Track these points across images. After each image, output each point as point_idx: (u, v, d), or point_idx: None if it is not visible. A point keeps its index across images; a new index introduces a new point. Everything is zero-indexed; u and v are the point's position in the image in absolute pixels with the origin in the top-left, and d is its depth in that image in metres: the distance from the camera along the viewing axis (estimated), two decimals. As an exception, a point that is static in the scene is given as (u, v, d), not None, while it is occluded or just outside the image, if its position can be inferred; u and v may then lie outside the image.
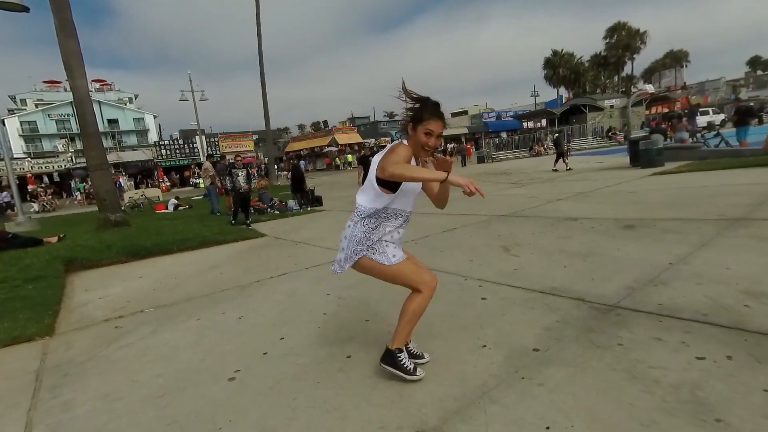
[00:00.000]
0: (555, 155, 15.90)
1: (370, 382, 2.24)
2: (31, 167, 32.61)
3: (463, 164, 26.64)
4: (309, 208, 11.36)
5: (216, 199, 12.11)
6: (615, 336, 2.43)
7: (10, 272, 5.27)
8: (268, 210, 11.04)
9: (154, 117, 56.16)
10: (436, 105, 2.12)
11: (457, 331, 2.73)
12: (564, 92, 57.71)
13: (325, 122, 53.89)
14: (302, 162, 39.05)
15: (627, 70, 61.92)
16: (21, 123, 48.21)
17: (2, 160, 20.02)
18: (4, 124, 38.25)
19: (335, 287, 3.95)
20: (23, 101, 53.99)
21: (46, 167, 33.50)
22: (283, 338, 2.93)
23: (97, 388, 2.47)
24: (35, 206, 23.03)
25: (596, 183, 10.12)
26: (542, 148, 30.21)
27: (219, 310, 3.66)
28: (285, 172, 30.88)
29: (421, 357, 2.39)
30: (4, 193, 23.97)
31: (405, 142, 2.13)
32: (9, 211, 17.76)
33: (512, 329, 2.68)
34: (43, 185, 30.59)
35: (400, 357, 2.18)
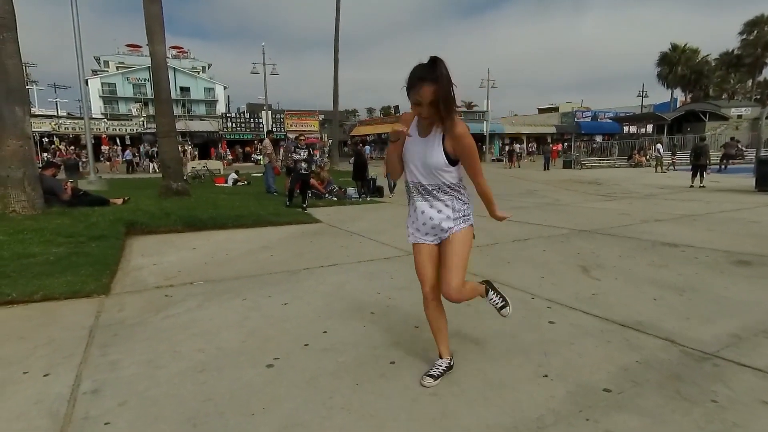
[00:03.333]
0: (691, 168, 14.42)
1: (412, 394, 2.24)
2: (107, 128, 36.28)
3: (546, 167, 25.56)
4: (368, 198, 11.55)
5: (272, 179, 12.70)
6: (709, 390, 2.22)
7: (78, 228, 5.93)
8: (326, 195, 11.38)
9: (224, 88, 59.98)
10: (420, 66, 1.97)
11: (515, 355, 2.65)
12: (679, 95, 53.20)
13: (396, 107, 54.22)
14: (368, 148, 39.69)
15: (766, 73, 55.57)
16: (102, 84, 53.76)
17: (82, 119, 22.53)
18: (87, 85, 42.82)
19: (387, 286, 4.00)
20: (106, 63, 60.13)
21: (120, 129, 37.11)
22: (326, 332, 3.02)
23: (141, 353, 2.71)
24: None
25: (708, 206, 9.25)
26: (644, 158, 28.13)
27: (265, 292, 3.86)
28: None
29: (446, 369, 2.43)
30: (127, 151, 27.60)
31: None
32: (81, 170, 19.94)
33: (581, 362, 2.54)
34: (116, 147, 33.97)
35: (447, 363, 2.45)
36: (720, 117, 36.38)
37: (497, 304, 2.64)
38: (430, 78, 1.94)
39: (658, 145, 24.67)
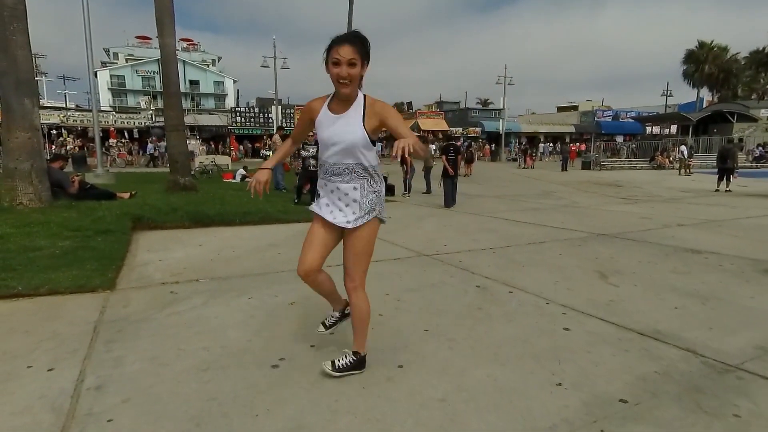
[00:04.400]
0: (717, 171, 14.05)
1: (420, 399, 2.24)
2: (115, 121, 36.75)
3: (564, 168, 25.33)
4: (379, 197, 11.53)
5: (281, 175, 12.77)
6: (731, 404, 2.19)
7: (84, 222, 6.03)
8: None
9: (234, 82, 60.43)
10: (341, 34, 2.11)
11: (528, 361, 2.63)
12: (706, 94, 52.31)
13: (410, 104, 54.12)
14: (379, 144, 39.62)
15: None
16: (111, 76, 54.56)
17: (90, 111, 22.86)
18: (96, 77, 43.57)
19: (396, 288, 4.00)
20: (115, 55, 61.00)
21: (128, 122, 37.58)
22: (332, 333, 3.02)
23: (146, 350, 2.75)
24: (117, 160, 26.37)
25: (734, 211, 9.10)
26: (667, 160, 27.74)
27: (272, 291, 3.88)
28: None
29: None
30: (150, 145, 28.08)
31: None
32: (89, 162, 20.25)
33: (597, 371, 2.52)
34: (123, 140, 34.42)
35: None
36: (749, 118, 35.67)
37: (330, 320, 2.71)
38: (351, 39, 2.08)
39: (683, 147, 24.29)
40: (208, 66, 61.83)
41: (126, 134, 36.38)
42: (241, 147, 39.27)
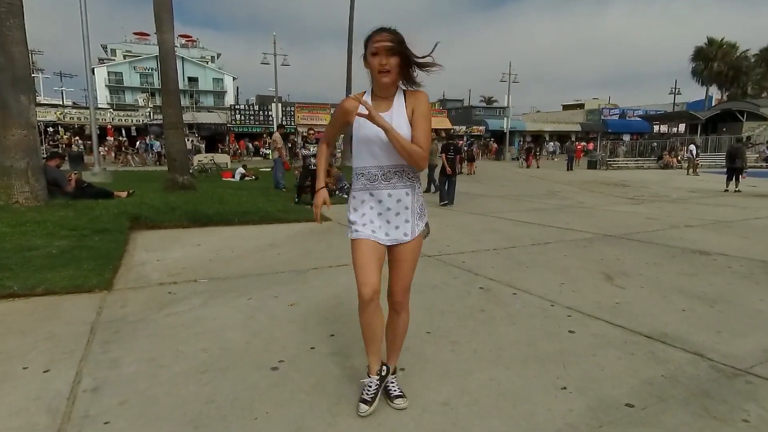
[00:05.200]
0: (726, 171, 13.97)
1: (422, 402, 2.24)
2: (112, 119, 36.83)
3: (569, 167, 25.29)
4: (381, 197, 11.53)
5: (281, 174, 12.77)
6: (740, 409, 2.18)
7: (81, 221, 6.04)
8: (337, 193, 11.41)
9: (234, 79, 60.46)
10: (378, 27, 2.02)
11: (532, 364, 2.63)
12: (715, 93, 52.14)
13: (412, 102, 53.99)
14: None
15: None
16: (108, 73, 54.63)
17: (87, 108, 22.94)
18: (93, 74, 43.68)
19: (398, 289, 3.99)
20: (113, 51, 61.09)
21: (125, 120, 37.65)
22: (333, 335, 3.03)
23: (143, 351, 2.75)
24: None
25: (744, 212, 9.07)
26: (674, 159, 27.67)
27: (272, 292, 3.88)
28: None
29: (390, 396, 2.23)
30: (156, 143, 27.89)
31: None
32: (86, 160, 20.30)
33: (602, 375, 2.51)
34: (120, 138, 34.49)
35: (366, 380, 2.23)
36: (759, 117, 35.54)
37: (371, 392, 2.17)
38: (389, 30, 1.98)
39: (691, 146, 24.20)
40: (207, 63, 61.91)
41: (123, 132, 36.44)
42: (250, 146, 39.32)
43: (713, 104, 46.95)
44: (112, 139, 33.43)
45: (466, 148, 23.46)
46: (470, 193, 12.31)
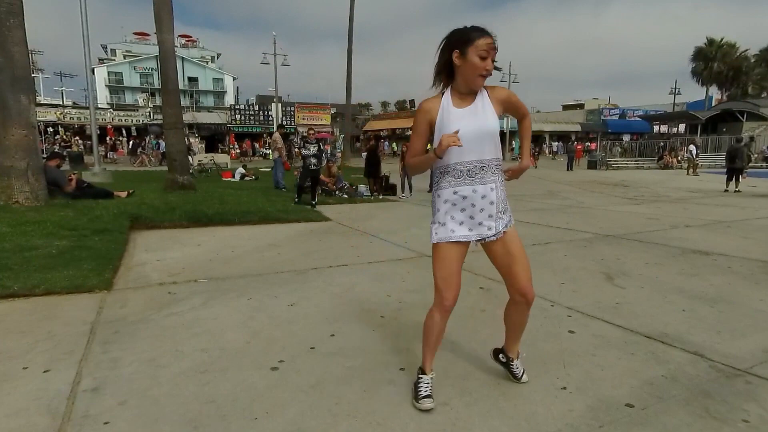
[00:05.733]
0: (726, 171, 13.94)
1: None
2: (112, 119, 36.84)
3: (569, 167, 25.30)
4: (381, 197, 11.56)
5: (281, 174, 12.78)
6: (740, 409, 2.18)
7: (81, 221, 6.04)
8: (336, 192, 11.42)
9: (233, 79, 60.45)
10: (472, 26, 2.05)
11: (532, 365, 2.63)
12: (715, 93, 52.15)
13: (412, 101, 54.11)
14: (387, 143, 39.61)
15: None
16: (108, 73, 54.63)
17: (87, 108, 22.95)
18: (93, 74, 43.69)
19: (398, 288, 4.00)
20: (113, 51, 61.09)
21: (125, 120, 37.66)
22: (333, 335, 3.03)
23: (143, 351, 2.75)
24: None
25: (744, 212, 9.07)
26: (674, 159, 27.68)
27: (272, 292, 3.88)
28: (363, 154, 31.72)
29: (517, 378, 2.42)
30: (162, 142, 27.76)
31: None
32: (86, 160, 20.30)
33: (602, 375, 2.51)
34: (122, 138, 34.52)
35: (420, 377, 2.28)
36: (759, 117, 35.53)
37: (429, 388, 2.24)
38: (490, 32, 2.02)
39: (691, 146, 24.19)
40: (207, 63, 61.91)
41: (124, 132, 36.46)
42: (256, 146, 39.31)
43: (713, 104, 46.97)
44: (128, 139, 33.47)
45: None
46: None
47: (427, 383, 2.24)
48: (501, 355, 2.46)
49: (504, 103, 2.15)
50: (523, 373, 2.43)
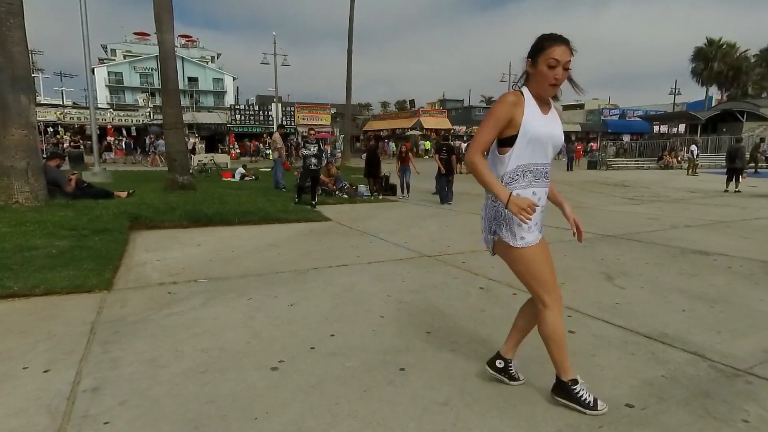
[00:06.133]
0: (726, 171, 13.93)
1: (422, 403, 2.24)
2: (112, 119, 36.82)
3: (569, 168, 25.29)
4: (381, 197, 11.56)
5: (281, 174, 12.77)
6: (740, 409, 2.18)
7: (81, 221, 6.04)
8: (336, 192, 11.41)
9: (233, 79, 60.44)
10: (548, 33, 2.06)
11: (531, 364, 2.63)
12: (715, 93, 52.15)
13: (412, 102, 54.20)
14: (391, 144, 39.54)
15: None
16: (108, 73, 54.63)
17: (87, 108, 22.94)
18: (93, 74, 43.69)
19: (398, 289, 3.99)
20: (113, 51, 61.09)
21: (125, 120, 37.65)
22: (333, 335, 3.03)
23: (143, 351, 2.75)
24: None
25: (744, 212, 9.07)
26: (674, 160, 27.67)
27: (272, 292, 3.88)
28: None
29: (517, 379, 2.41)
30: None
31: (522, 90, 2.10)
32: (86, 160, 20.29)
33: (602, 375, 2.51)
34: (121, 137, 34.50)
35: (574, 389, 2.16)
36: (759, 117, 35.50)
37: (581, 397, 2.19)
38: (563, 39, 2.02)
39: (693, 146, 24.14)
40: (207, 63, 61.91)
41: (124, 132, 36.44)
42: (261, 147, 39.20)
43: (713, 104, 46.96)
44: (127, 139, 33.47)
45: (463, 149, 23.54)
46: (471, 193, 12.31)
47: (584, 386, 2.19)
48: (498, 361, 2.42)
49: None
50: (518, 372, 2.44)
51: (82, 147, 27.44)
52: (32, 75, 9.56)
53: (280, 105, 38.21)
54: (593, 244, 5.96)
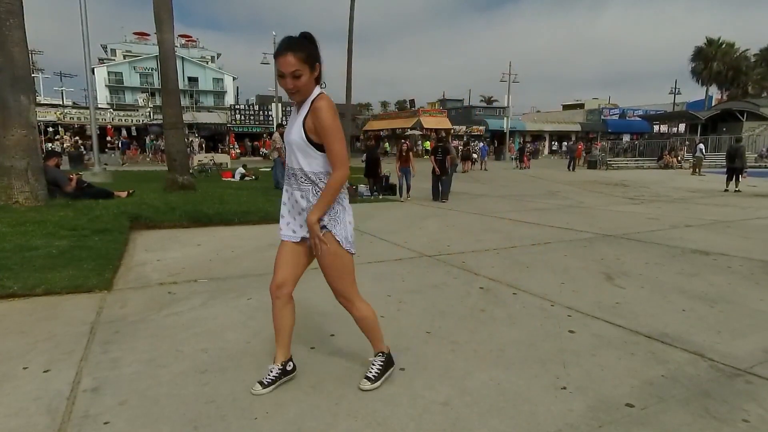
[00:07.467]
0: (726, 171, 13.99)
1: (423, 402, 2.24)
2: (112, 119, 36.84)
3: (570, 167, 25.29)
4: (381, 197, 11.56)
5: (282, 174, 12.76)
6: (740, 409, 2.18)
7: (81, 221, 6.04)
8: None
9: (234, 79, 60.42)
10: (288, 37, 2.06)
11: (532, 364, 2.63)
12: (715, 92, 52.16)
13: (412, 101, 54.10)
14: (420, 143, 39.47)
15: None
16: (108, 73, 54.62)
17: (87, 108, 22.95)
18: (93, 73, 43.66)
19: (398, 289, 3.99)
20: (113, 51, 61.08)
21: (125, 120, 37.66)
22: (333, 335, 3.03)
23: (143, 352, 2.75)
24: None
25: (744, 212, 9.07)
26: (674, 159, 27.67)
27: (271, 292, 3.88)
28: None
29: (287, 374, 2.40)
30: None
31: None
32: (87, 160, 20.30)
33: (602, 375, 2.51)
34: (124, 137, 34.51)
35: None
36: (759, 117, 35.49)
37: (372, 371, 2.37)
38: (294, 48, 2.01)
39: (701, 145, 24.06)
40: (207, 63, 61.89)
41: (124, 131, 36.45)
42: (237, 144, 39.19)
43: (713, 104, 46.98)
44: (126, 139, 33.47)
45: (462, 148, 23.58)
46: (470, 193, 12.32)
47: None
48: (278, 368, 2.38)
49: (313, 117, 2.08)
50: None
51: (83, 149, 27.48)
52: (32, 75, 9.56)
53: (280, 105, 38.17)
54: (593, 244, 5.96)
